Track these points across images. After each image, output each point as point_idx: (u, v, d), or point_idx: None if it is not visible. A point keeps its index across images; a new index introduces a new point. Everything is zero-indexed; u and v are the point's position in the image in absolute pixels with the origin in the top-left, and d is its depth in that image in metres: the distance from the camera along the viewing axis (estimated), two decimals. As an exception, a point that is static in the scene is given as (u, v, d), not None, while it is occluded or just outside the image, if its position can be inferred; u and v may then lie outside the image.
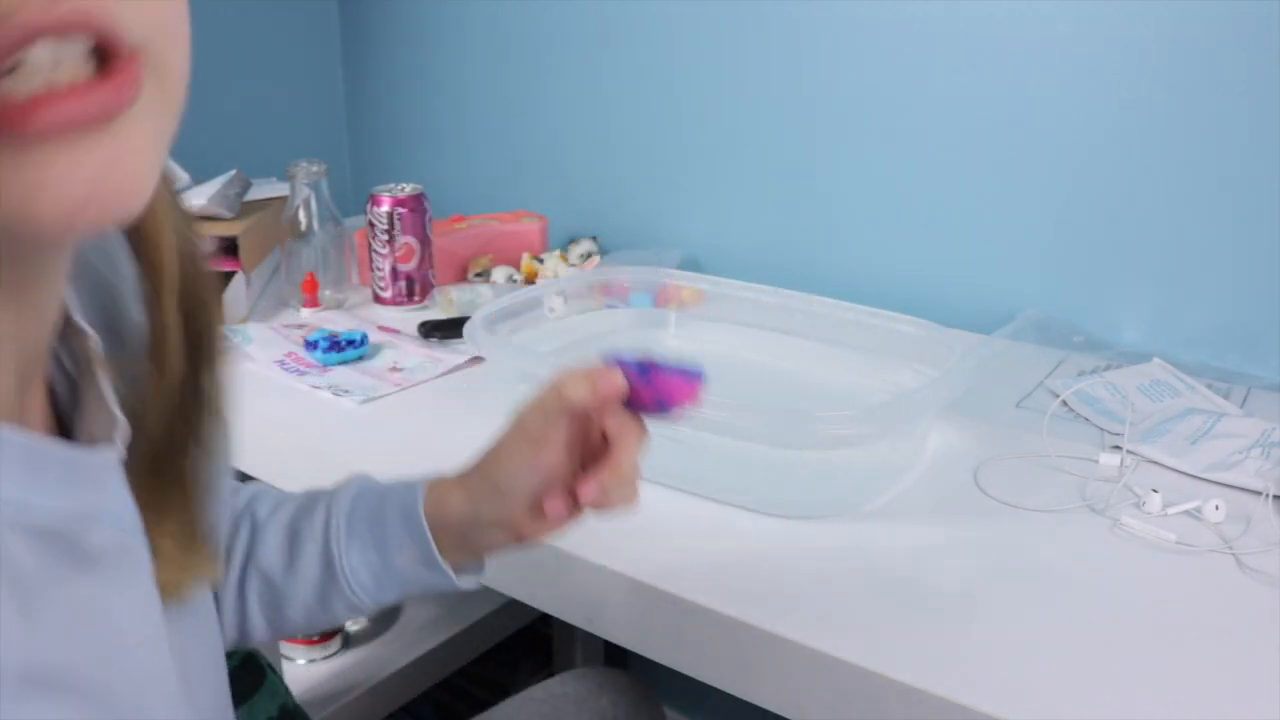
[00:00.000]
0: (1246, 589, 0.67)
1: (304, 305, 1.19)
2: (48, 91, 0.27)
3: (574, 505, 0.57)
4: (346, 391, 0.97)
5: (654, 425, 0.58)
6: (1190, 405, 0.91)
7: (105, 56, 0.29)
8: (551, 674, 1.45)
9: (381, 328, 1.14)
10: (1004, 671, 0.59)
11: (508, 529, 0.59)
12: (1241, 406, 0.92)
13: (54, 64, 0.28)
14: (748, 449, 0.76)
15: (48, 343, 0.39)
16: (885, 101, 1.16)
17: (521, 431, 0.58)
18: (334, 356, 1.03)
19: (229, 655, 0.70)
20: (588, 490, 0.55)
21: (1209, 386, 0.95)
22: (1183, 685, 0.58)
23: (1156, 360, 0.99)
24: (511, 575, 0.75)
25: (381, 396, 0.97)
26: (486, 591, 0.80)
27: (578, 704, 0.89)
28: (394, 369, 1.03)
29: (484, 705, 1.42)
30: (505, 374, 0.90)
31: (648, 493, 0.78)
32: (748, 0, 1.21)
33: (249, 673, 0.77)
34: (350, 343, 1.04)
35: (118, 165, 0.30)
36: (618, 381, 0.54)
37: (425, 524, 0.60)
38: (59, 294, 0.37)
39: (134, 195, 0.31)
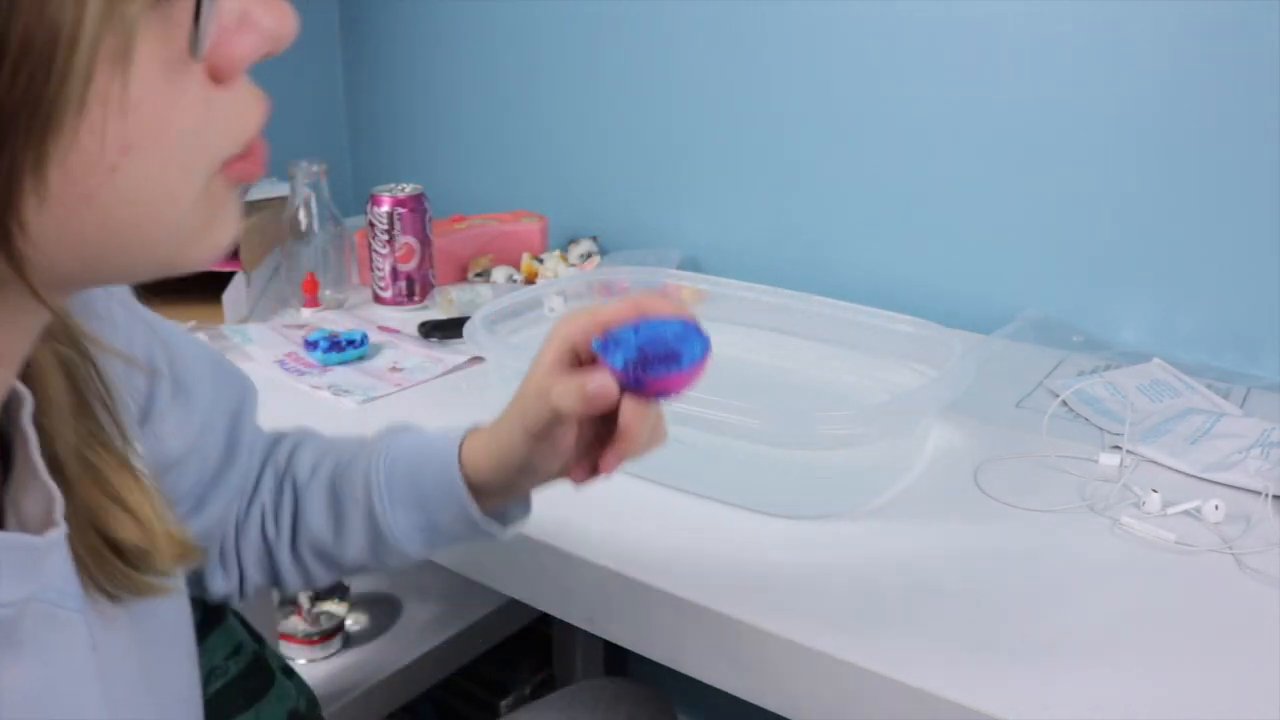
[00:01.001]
0: (1246, 589, 0.67)
1: (304, 305, 1.19)
2: (252, 149, 0.38)
3: (601, 469, 0.57)
4: (346, 391, 0.97)
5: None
6: (1190, 405, 0.91)
7: None
8: (552, 674, 1.45)
9: (381, 328, 1.14)
10: (1004, 671, 0.59)
11: (543, 483, 0.60)
12: (1241, 406, 0.92)
13: None
14: (748, 449, 0.76)
15: None
16: (885, 102, 1.16)
17: (525, 432, 0.57)
18: (334, 356, 1.03)
19: (234, 658, 0.70)
20: (608, 463, 0.55)
21: (1209, 386, 0.95)
22: (1183, 685, 0.58)
23: (1156, 360, 0.99)
24: (511, 575, 0.75)
25: (381, 396, 0.97)
26: (486, 591, 0.80)
27: (593, 712, 0.89)
28: (394, 369, 1.03)
29: (484, 705, 1.42)
30: (505, 374, 0.90)
31: (648, 492, 0.78)
32: (749, 1, 1.21)
33: (257, 677, 0.77)
34: (350, 343, 1.05)
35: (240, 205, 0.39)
36: (607, 390, 0.52)
37: (465, 491, 0.60)
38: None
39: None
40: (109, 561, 0.43)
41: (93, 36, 0.29)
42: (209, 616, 0.75)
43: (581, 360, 0.56)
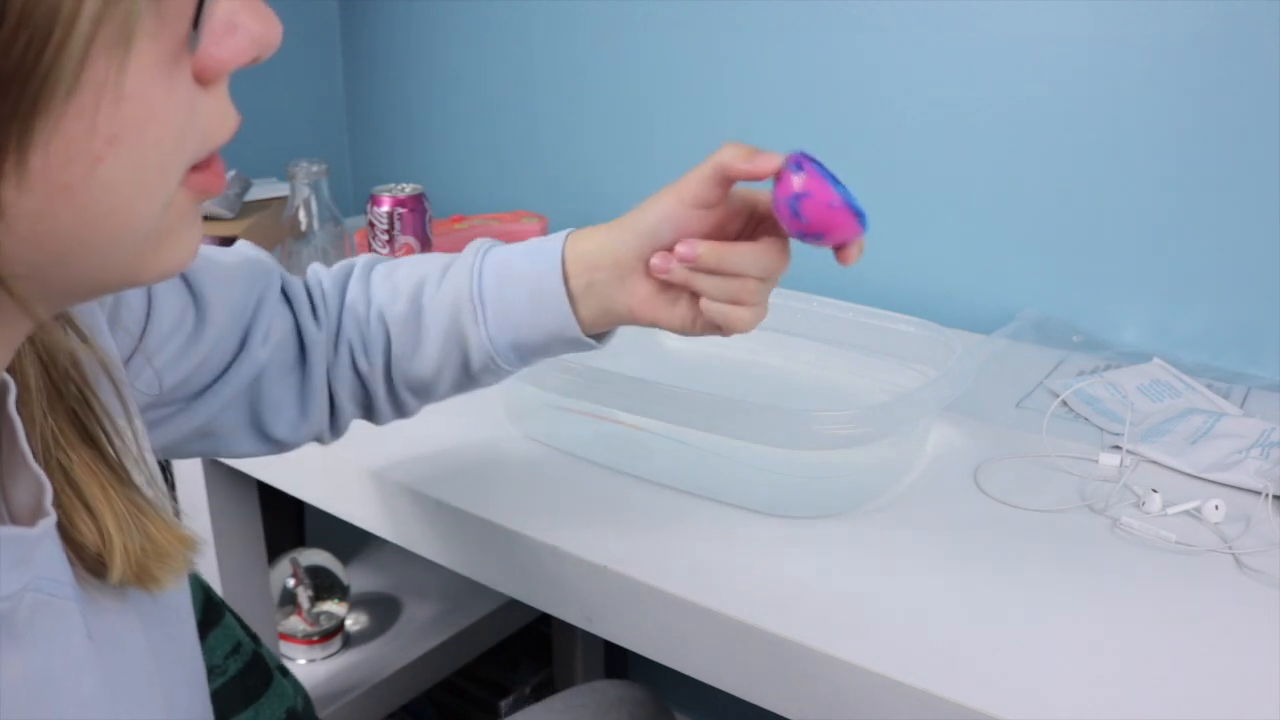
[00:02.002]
0: (1246, 589, 0.67)
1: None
2: (211, 161, 0.36)
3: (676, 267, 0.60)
4: (346, 391, 0.97)
5: (660, 423, 0.57)
6: (1190, 405, 0.91)
7: None
8: (552, 674, 1.45)
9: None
10: (1004, 671, 0.59)
11: (627, 282, 0.62)
12: (1241, 406, 0.92)
13: None
14: (748, 449, 0.76)
15: None
16: (885, 101, 1.16)
17: (675, 187, 0.60)
18: (334, 356, 1.03)
19: (234, 656, 0.70)
20: (685, 251, 0.59)
21: (1209, 386, 0.95)
22: (1183, 685, 0.58)
23: (1156, 360, 0.99)
24: (511, 575, 0.75)
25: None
26: (486, 591, 0.80)
27: (596, 715, 0.89)
28: (394, 369, 1.03)
29: (484, 705, 1.42)
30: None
31: (648, 492, 0.78)
32: (749, 1, 1.21)
33: (256, 675, 0.76)
34: (350, 343, 1.04)
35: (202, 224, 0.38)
36: (775, 165, 0.56)
37: (567, 304, 0.61)
38: None
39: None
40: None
41: (94, 16, 0.29)
42: (207, 616, 0.75)
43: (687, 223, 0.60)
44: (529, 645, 1.46)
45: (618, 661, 1.55)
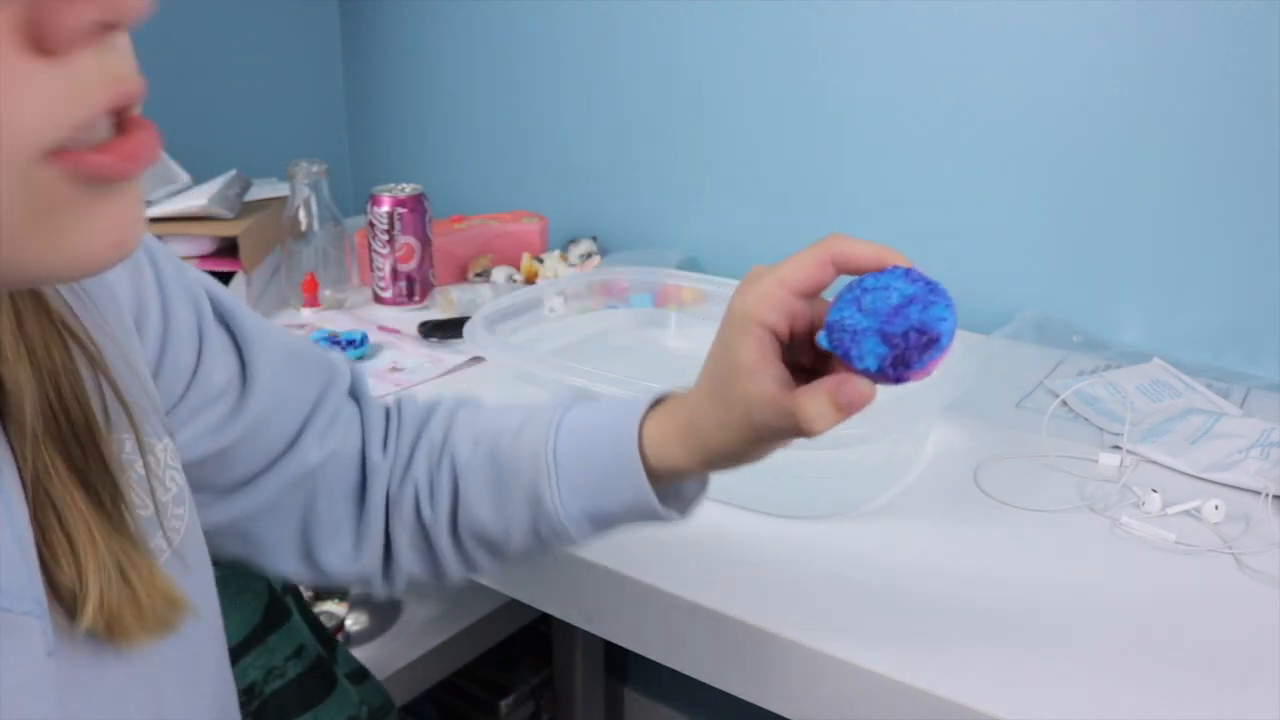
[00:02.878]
0: (1246, 589, 0.67)
1: (304, 305, 1.19)
2: (113, 142, 0.32)
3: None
4: (346, 391, 0.97)
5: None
6: (1190, 405, 0.91)
7: (121, 122, 0.33)
8: (552, 674, 1.45)
9: (381, 328, 1.14)
10: (1004, 671, 0.59)
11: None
12: (1241, 406, 0.92)
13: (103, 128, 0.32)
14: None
15: None
16: (885, 102, 1.16)
17: (753, 434, 0.51)
18: (334, 356, 1.03)
19: (295, 659, 0.69)
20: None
21: (1209, 386, 0.95)
22: (1182, 685, 0.58)
23: (1156, 360, 0.99)
24: (511, 575, 0.75)
25: (381, 397, 0.97)
26: (486, 591, 0.80)
27: None
28: (394, 369, 1.03)
29: (484, 705, 1.42)
30: (505, 374, 0.90)
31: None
32: (749, 1, 1.21)
33: (316, 680, 0.73)
34: (350, 343, 1.05)
35: (139, 214, 0.35)
36: (865, 399, 0.46)
37: (644, 478, 0.54)
38: None
39: (139, 241, 0.35)
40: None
41: None
42: (271, 616, 0.73)
43: (779, 337, 0.50)
44: (529, 645, 1.46)
45: (618, 661, 1.55)
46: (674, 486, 0.57)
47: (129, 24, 0.32)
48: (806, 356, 0.52)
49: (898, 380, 0.45)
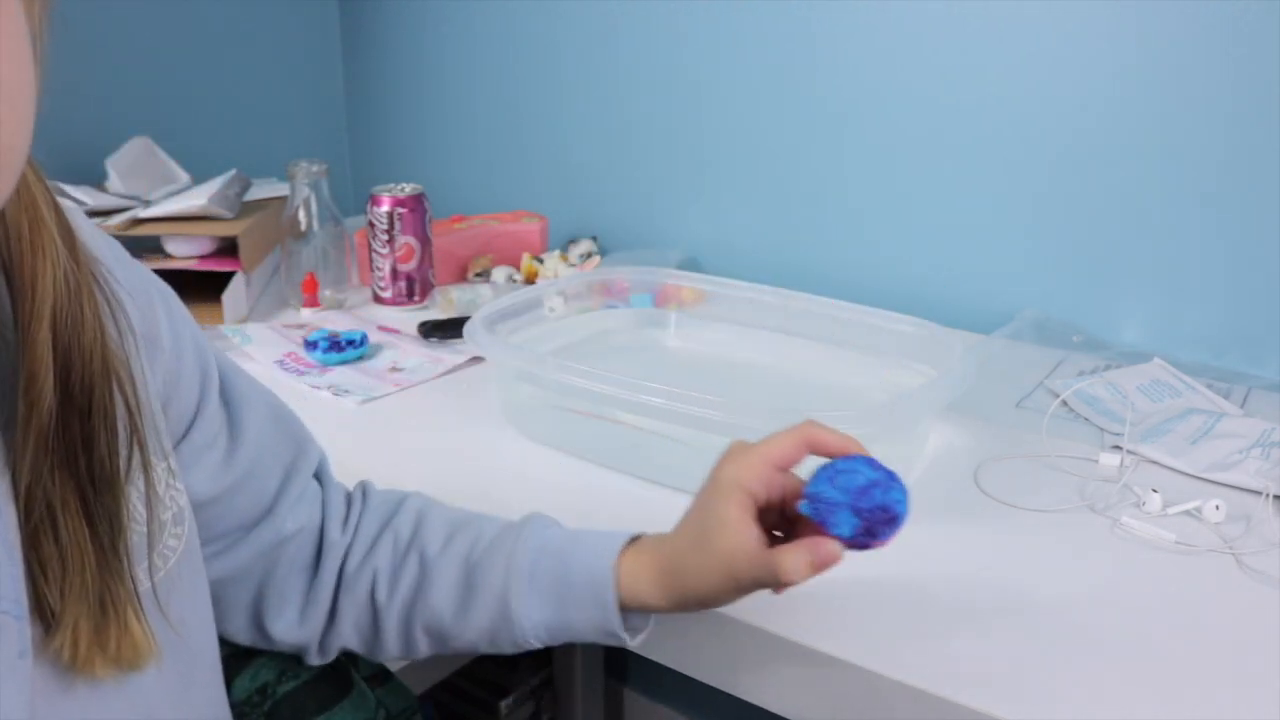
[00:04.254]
0: (1246, 589, 0.67)
1: (304, 305, 1.19)
2: None
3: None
4: (346, 391, 0.97)
5: (660, 422, 0.57)
6: (1190, 405, 0.91)
7: None
8: (552, 674, 1.45)
9: (381, 328, 1.14)
10: (1004, 671, 0.59)
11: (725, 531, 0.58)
12: (1241, 406, 0.92)
13: None
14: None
15: None
16: (885, 102, 1.16)
17: (733, 584, 0.56)
18: (334, 356, 1.03)
19: (302, 660, 0.69)
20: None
21: (1209, 386, 0.95)
22: (1183, 685, 0.58)
23: (1156, 360, 0.99)
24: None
25: (381, 396, 0.97)
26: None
27: None
28: (394, 369, 1.03)
29: (484, 705, 1.42)
30: (505, 374, 0.90)
31: (648, 492, 0.78)
32: (749, 1, 1.21)
33: (331, 683, 0.72)
34: (350, 343, 1.05)
35: None
36: (836, 560, 0.55)
37: (614, 604, 0.59)
38: None
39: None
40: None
41: None
42: None
43: (757, 501, 0.56)
44: (529, 645, 1.46)
45: (618, 661, 1.55)
46: (634, 617, 0.61)
47: None
48: (771, 521, 0.59)
49: (863, 547, 0.55)
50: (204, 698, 0.53)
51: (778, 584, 0.55)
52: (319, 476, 0.66)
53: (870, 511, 0.54)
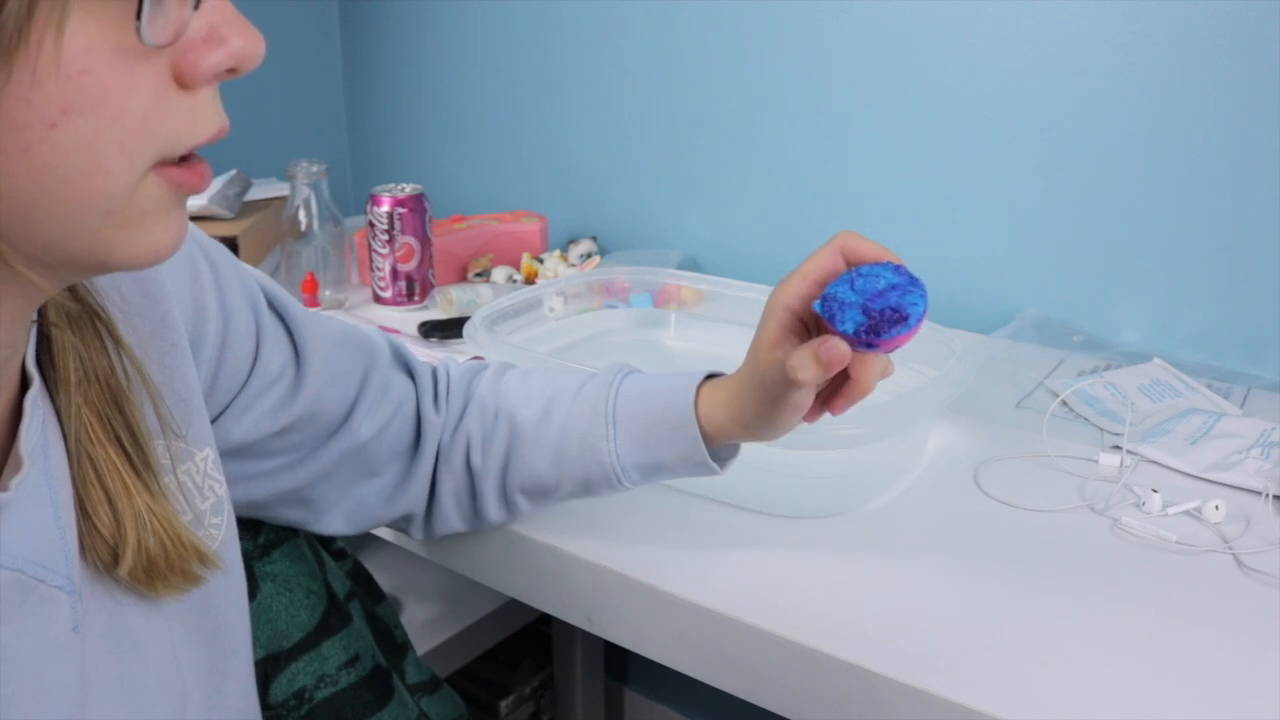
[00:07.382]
0: (1246, 589, 0.67)
1: (304, 305, 1.19)
2: (195, 164, 0.39)
3: (833, 412, 0.61)
4: (346, 391, 0.97)
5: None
6: (1190, 405, 0.91)
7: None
8: (552, 674, 1.45)
9: (381, 328, 1.14)
10: (1004, 671, 0.59)
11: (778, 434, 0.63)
12: (1241, 406, 0.92)
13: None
14: (748, 449, 0.75)
15: None
16: (885, 102, 1.16)
17: (765, 399, 0.59)
18: (334, 356, 1.03)
19: (349, 669, 0.69)
20: (840, 407, 0.60)
21: (1209, 386, 0.95)
22: (1183, 685, 0.58)
23: (1156, 360, 0.99)
24: (511, 575, 0.75)
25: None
26: (486, 591, 0.79)
27: None
28: (394, 369, 1.03)
29: (484, 705, 1.42)
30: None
31: (647, 492, 0.78)
32: (749, 2, 1.21)
33: (370, 692, 0.72)
34: (350, 343, 1.04)
35: (187, 222, 0.41)
36: (841, 355, 0.55)
37: (699, 437, 0.63)
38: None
39: (184, 242, 0.40)
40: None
41: None
42: (328, 621, 0.72)
43: (804, 323, 0.59)
44: (529, 645, 1.46)
45: (618, 661, 1.55)
46: (719, 449, 0.65)
47: (248, 71, 0.38)
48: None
49: (869, 346, 0.55)
50: (237, 689, 0.54)
51: (792, 384, 0.56)
52: (403, 365, 0.68)
53: (880, 312, 0.54)
